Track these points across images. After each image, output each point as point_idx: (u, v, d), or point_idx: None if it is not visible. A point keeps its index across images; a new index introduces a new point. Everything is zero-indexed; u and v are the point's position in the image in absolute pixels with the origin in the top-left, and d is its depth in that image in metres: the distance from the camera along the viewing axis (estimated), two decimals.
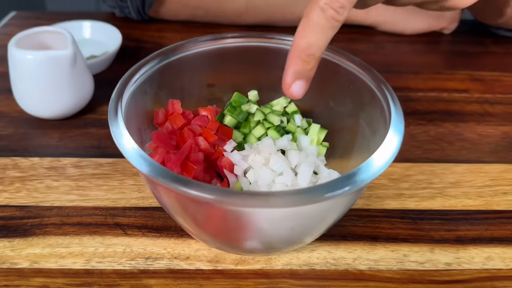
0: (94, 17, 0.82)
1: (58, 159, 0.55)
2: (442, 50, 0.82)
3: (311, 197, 0.32)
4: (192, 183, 0.33)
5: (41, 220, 0.48)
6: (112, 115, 0.38)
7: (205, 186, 0.33)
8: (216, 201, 0.32)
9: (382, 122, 0.43)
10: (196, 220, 0.40)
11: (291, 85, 0.38)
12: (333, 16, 0.34)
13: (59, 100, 0.58)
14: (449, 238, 0.48)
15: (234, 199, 0.32)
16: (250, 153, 0.45)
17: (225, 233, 0.41)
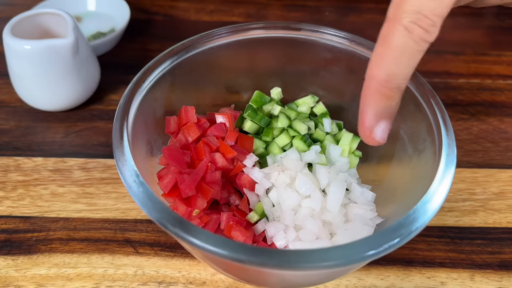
0: None
1: (63, 159, 0.51)
2: (487, 25, 0.73)
3: (351, 259, 0.27)
4: (209, 237, 0.28)
5: (47, 235, 0.44)
6: (117, 141, 0.33)
7: (228, 242, 0.28)
8: (238, 260, 0.27)
9: (429, 143, 0.37)
10: (215, 263, 0.35)
11: (374, 129, 0.30)
12: (422, 36, 0.27)
13: (62, 92, 0.53)
14: (492, 262, 0.43)
15: (260, 259, 0.27)
16: (273, 170, 0.40)
17: (246, 277, 0.36)
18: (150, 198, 0.30)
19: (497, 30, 0.72)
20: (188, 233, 0.28)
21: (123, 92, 0.51)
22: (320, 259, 0.27)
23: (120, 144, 0.33)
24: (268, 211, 0.40)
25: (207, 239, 0.28)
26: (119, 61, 0.63)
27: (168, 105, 0.43)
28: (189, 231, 0.28)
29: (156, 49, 0.65)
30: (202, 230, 0.28)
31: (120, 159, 0.32)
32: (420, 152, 0.38)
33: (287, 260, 0.27)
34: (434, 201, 0.31)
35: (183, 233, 0.28)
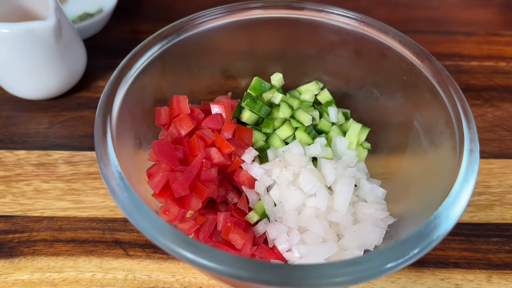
0: None
1: (47, 152, 0.47)
2: (499, 3, 0.69)
3: (366, 275, 0.24)
4: (206, 251, 0.25)
5: (30, 236, 0.41)
6: (99, 138, 0.29)
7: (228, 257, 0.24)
8: (239, 278, 0.24)
9: (448, 136, 0.33)
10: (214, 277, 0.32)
11: None
12: None
13: (45, 79, 0.49)
14: (510, 262, 0.40)
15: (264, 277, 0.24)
16: (274, 166, 0.37)
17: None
18: (136, 204, 0.26)
19: (510, 8, 0.68)
20: (182, 247, 0.25)
21: None
22: (332, 276, 0.24)
23: (102, 141, 0.29)
24: (269, 210, 0.36)
25: (203, 254, 0.24)
26: (108, 44, 0.59)
27: (158, 94, 0.39)
28: (182, 244, 0.25)
29: (147, 31, 0.61)
30: (197, 243, 0.25)
31: (103, 159, 0.28)
32: (437, 146, 0.34)
33: (295, 277, 0.23)
34: (457, 206, 0.27)
35: (176, 247, 0.25)
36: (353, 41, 0.41)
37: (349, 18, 0.39)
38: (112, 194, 0.27)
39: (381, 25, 0.39)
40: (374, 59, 0.40)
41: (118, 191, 0.27)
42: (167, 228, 0.25)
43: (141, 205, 0.26)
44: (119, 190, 0.27)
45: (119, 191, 0.27)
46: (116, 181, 0.27)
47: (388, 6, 0.59)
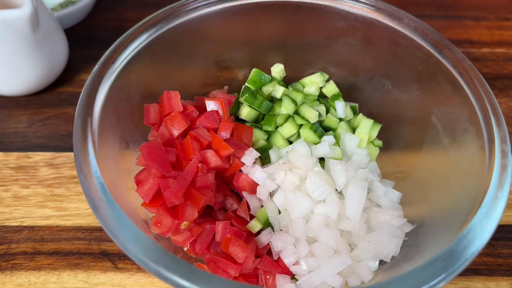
0: None
1: (27, 154, 0.43)
2: None
3: None
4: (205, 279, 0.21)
5: (8, 248, 0.37)
6: (78, 144, 0.25)
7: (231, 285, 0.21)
8: None
9: (473, 134, 0.29)
10: None
11: None
12: None
13: (22, 73, 0.45)
14: None
15: None
16: (278, 169, 0.33)
17: None
18: (123, 223, 0.23)
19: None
20: (178, 273, 0.21)
21: None
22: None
23: (82, 148, 0.25)
24: (273, 219, 0.33)
25: (203, 282, 0.21)
26: (91, 33, 0.55)
27: (147, 89, 0.35)
28: (178, 271, 0.21)
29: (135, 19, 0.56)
30: (196, 270, 0.21)
31: (82, 168, 0.25)
32: (460, 144, 0.31)
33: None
34: (492, 217, 0.24)
35: (171, 274, 0.21)
36: (362, 27, 0.37)
37: (358, 2, 0.35)
38: (93, 210, 0.23)
39: (394, 10, 0.35)
40: (386, 48, 0.36)
41: (101, 207, 0.23)
42: (159, 252, 0.22)
43: (128, 224, 0.22)
44: (102, 206, 0.23)
45: (102, 207, 0.23)
46: (98, 195, 0.24)
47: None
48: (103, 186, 0.24)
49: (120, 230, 0.22)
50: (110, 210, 0.23)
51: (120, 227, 0.23)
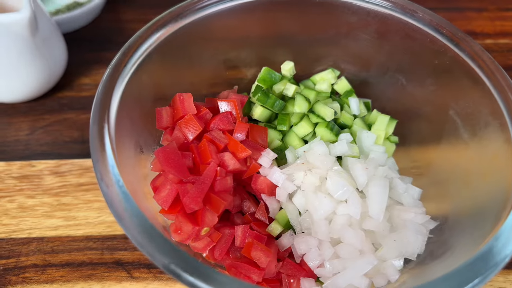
0: None
1: (30, 162, 0.42)
2: None
3: None
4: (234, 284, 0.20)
5: (17, 261, 0.36)
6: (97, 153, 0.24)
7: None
8: None
9: (496, 128, 0.29)
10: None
11: None
12: None
13: (22, 79, 0.43)
14: None
15: None
16: (297, 170, 0.32)
17: None
18: (152, 234, 0.22)
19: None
20: (207, 281, 0.20)
21: (96, 74, 0.42)
22: None
23: (101, 156, 0.24)
24: (294, 221, 0.32)
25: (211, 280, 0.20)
26: (95, 35, 0.53)
27: (157, 91, 0.34)
28: (207, 279, 0.20)
29: (135, 19, 0.55)
30: (225, 276, 0.20)
31: (104, 178, 0.24)
32: (481, 138, 0.30)
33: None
34: None
35: (205, 284, 0.20)
36: (374, 22, 0.36)
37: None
38: (119, 221, 0.22)
39: (407, 3, 0.34)
40: (399, 42, 0.35)
41: (127, 217, 0.22)
42: (191, 261, 0.21)
43: (155, 233, 0.21)
44: (128, 216, 0.22)
45: (128, 216, 0.22)
46: (122, 205, 0.22)
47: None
48: (127, 195, 0.23)
49: (148, 240, 0.21)
50: (136, 219, 0.22)
51: (148, 237, 0.22)
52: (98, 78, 0.49)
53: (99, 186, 0.24)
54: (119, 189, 0.23)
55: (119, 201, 0.23)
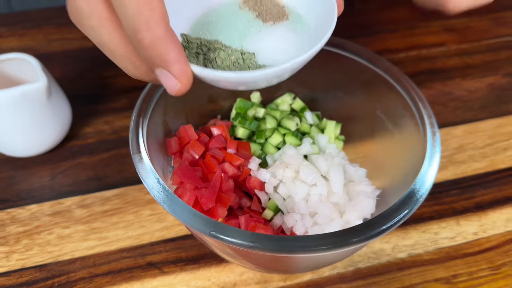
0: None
1: (59, 201, 0.51)
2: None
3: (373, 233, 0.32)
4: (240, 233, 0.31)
5: (68, 277, 0.45)
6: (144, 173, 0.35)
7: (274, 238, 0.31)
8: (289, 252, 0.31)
9: (408, 117, 0.42)
10: (247, 259, 0.39)
11: None
12: None
13: (39, 136, 0.52)
14: (469, 206, 0.50)
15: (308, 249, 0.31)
16: (278, 168, 0.44)
17: (277, 266, 0.40)
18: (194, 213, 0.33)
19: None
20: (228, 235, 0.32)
21: (96, 123, 0.52)
22: (348, 238, 0.32)
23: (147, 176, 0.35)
24: (281, 205, 0.43)
25: (240, 235, 0.31)
26: (81, 91, 0.63)
27: (164, 127, 0.45)
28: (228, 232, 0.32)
29: (115, 75, 0.66)
30: (235, 229, 0.32)
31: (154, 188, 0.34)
32: (401, 126, 0.44)
33: (305, 246, 0.31)
34: (431, 171, 0.36)
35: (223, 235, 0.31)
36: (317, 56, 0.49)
37: None
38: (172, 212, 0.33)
39: (335, 39, 0.48)
40: (335, 68, 0.48)
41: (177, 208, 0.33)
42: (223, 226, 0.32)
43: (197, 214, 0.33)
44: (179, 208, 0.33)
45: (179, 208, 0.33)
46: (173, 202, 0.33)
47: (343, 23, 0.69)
48: (172, 194, 0.34)
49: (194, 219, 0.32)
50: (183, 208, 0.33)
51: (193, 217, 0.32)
52: (98, 127, 0.58)
53: (152, 194, 0.34)
54: (165, 192, 0.34)
55: (169, 199, 0.33)
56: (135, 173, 0.38)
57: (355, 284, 0.44)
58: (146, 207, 0.50)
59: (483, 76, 0.66)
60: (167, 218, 0.49)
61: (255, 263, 0.40)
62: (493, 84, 0.65)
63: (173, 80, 0.28)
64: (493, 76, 0.66)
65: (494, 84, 0.65)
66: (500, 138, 0.57)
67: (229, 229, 0.32)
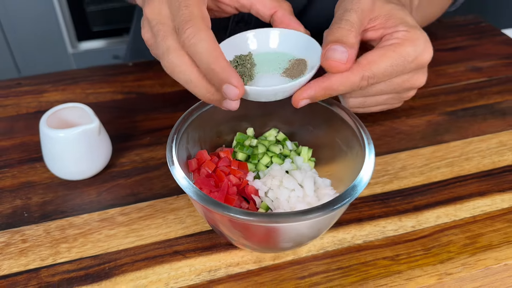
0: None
1: (105, 211, 0.68)
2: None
3: (332, 208, 0.50)
4: (252, 213, 0.49)
5: (116, 263, 0.61)
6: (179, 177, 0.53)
7: (262, 214, 0.49)
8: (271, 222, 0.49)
9: (356, 141, 0.61)
10: (244, 236, 0.56)
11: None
12: None
13: (90, 164, 0.70)
14: (409, 208, 0.68)
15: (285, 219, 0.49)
16: (267, 179, 0.62)
17: (267, 242, 0.57)
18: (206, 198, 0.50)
19: None
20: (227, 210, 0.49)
21: (129, 155, 0.71)
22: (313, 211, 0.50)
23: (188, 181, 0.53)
24: (270, 205, 0.61)
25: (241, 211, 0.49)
26: (116, 132, 0.82)
27: (186, 152, 0.63)
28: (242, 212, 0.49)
29: (142, 119, 0.85)
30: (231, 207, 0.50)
31: (187, 186, 0.52)
32: (351, 148, 0.63)
33: (285, 215, 0.49)
34: (366, 174, 0.55)
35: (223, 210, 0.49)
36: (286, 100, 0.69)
37: None
38: (198, 199, 0.51)
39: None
40: (307, 110, 0.68)
41: (197, 198, 0.51)
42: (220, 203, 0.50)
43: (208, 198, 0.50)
44: (204, 197, 0.51)
45: (204, 197, 0.51)
46: (201, 196, 0.51)
47: None
48: (199, 191, 0.52)
49: (215, 205, 0.50)
50: (206, 197, 0.51)
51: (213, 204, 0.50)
52: (131, 157, 0.76)
53: (184, 189, 0.52)
54: (194, 189, 0.52)
55: (198, 194, 0.51)
56: (161, 189, 0.58)
57: (324, 261, 0.61)
58: (171, 213, 0.67)
59: (423, 115, 0.86)
60: (187, 220, 0.66)
61: (252, 240, 0.57)
62: (431, 120, 0.85)
63: (235, 89, 0.48)
64: (431, 115, 0.86)
65: (432, 121, 0.85)
66: (434, 160, 0.77)
67: (234, 208, 0.50)
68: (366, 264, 0.61)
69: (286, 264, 0.61)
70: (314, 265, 0.61)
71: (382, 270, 0.60)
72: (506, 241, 0.64)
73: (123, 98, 0.91)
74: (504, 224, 0.66)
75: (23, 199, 0.70)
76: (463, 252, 0.63)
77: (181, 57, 0.50)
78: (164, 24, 0.53)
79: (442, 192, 0.71)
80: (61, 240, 0.64)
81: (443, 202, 0.69)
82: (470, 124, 0.85)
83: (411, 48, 0.53)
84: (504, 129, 0.83)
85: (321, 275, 0.60)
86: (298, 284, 0.59)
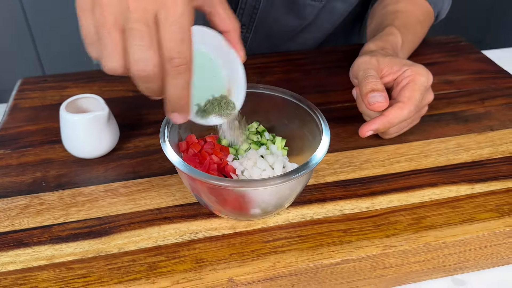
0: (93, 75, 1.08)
1: (109, 184, 0.81)
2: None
3: (289, 177, 0.62)
4: (223, 179, 0.62)
5: (115, 224, 0.74)
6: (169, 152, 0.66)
7: (232, 180, 0.62)
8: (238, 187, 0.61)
9: (318, 131, 0.74)
10: (221, 202, 0.68)
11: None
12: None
13: (100, 145, 0.84)
14: (366, 193, 0.80)
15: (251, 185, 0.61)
16: (244, 160, 0.75)
17: (240, 208, 0.69)
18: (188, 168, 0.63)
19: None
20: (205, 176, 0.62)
21: (134, 141, 0.84)
22: (273, 179, 0.62)
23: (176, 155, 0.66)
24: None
25: (220, 179, 0.61)
26: (124, 122, 0.96)
27: (178, 136, 0.77)
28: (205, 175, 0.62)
29: (144, 114, 0.98)
30: (209, 174, 0.62)
31: (173, 158, 0.65)
32: (315, 138, 0.75)
33: (267, 182, 0.61)
34: (320, 152, 0.67)
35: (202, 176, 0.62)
36: (269, 100, 0.81)
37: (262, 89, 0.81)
38: (180, 166, 0.64)
39: (282, 90, 0.80)
40: (281, 107, 0.81)
41: (181, 166, 0.64)
42: (204, 174, 0.62)
43: (191, 167, 0.63)
44: (181, 166, 0.64)
45: (181, 166, 0.64)
46: (187, 167, 0.64)
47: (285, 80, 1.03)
48: (185, 163, 0.64)
49: (190, 169, 0.63)
50: (185, 167, 0.64)
51: (191, 169, 0.63)
52: (135, 143, 0.90)
53: (173, 162, 0.65)
54: (180, 160, 0.65)
55: (183, 166, 0.64)
56: (158, 169, 0.71)
57: (288, 230, 0.73)
58: (164, 188, 0.80)
59: None
60: (177, 194, 0.79)
61: (226, 206, 0.69)
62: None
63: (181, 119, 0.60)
64: None
65: None
66: (396, 156, 0.88)
67: (210, 176, 0.62)
68: (322, 234, 0.73)
69: (255, 231, 0.73)
70: (278, 233, 0.72)
71: (335, 239, 0.72)
72: (447, 223, 0.75)
73: (133, 96, 1.05)
74: (448, 210, 0.77)
75: (43, 172, 0.84)
76: (408, 230, 0.74)
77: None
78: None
79: (398, 181, 0.82)
80: (71, 205, 0.77)
81: (397, 190, 0.81)
82: (434, 127, 0.96)
83: (422, 78, 0.77)
84: (464, 133, 0.94)
85: (283, 240, 0.71)
86: (264, 246, 0.71)
